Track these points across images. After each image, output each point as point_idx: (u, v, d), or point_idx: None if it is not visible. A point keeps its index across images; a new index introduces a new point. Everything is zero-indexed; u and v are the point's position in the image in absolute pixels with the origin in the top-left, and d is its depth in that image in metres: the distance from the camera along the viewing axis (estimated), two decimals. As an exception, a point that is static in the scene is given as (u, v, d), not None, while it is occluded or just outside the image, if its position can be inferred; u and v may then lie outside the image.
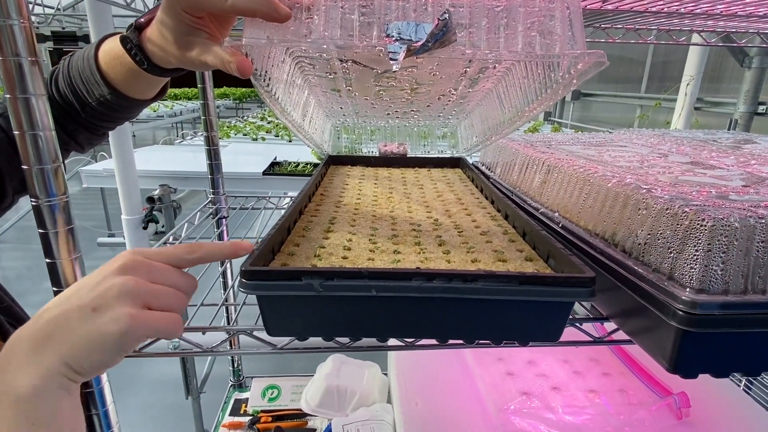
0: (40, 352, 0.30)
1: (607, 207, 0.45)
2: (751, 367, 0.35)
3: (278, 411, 1.05)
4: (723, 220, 0.32)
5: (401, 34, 0.38)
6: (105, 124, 0.53)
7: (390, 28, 0.39)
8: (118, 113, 0.51)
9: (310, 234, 0.50)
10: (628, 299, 0.38)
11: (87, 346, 0.31)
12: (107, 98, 0.48)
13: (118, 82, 0.47)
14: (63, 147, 0.53)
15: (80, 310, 0.31)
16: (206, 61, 0.40)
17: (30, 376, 0.30)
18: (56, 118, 0.50)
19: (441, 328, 0.39)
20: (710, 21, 0.74)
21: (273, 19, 0.37)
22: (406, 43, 0.38)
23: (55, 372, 0.30)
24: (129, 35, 0.44)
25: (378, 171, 0.86)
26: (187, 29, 0.40)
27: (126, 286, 0.32)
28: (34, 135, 0.33)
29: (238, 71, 0.39)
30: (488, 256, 0.45)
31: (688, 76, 1.90)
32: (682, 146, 0.70)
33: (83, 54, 0.48)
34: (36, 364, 0.30)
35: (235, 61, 0.38)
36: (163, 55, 0.43)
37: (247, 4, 0.37)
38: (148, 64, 0.45)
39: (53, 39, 6.06)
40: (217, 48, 0.40)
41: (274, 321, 0.38)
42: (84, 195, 4.35)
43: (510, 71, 0.60)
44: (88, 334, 0.31)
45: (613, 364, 0.85)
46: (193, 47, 0.41)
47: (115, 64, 0.46)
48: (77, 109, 0.50)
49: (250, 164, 2.20)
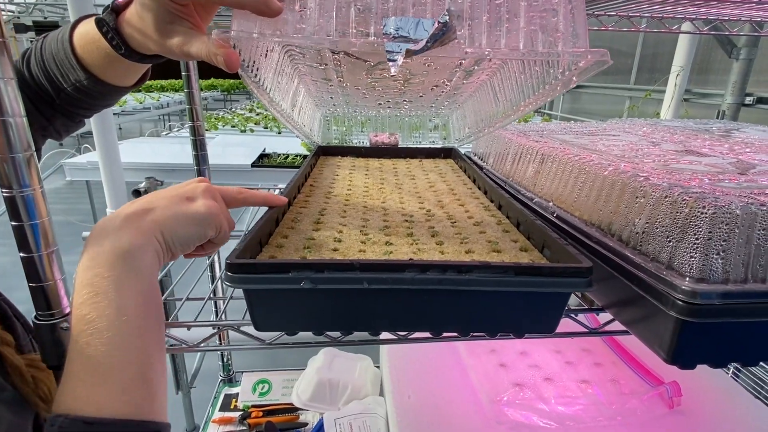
0: (139, 220, 0.36)
1: (604, 196, 0.44)
2: (750, 356, 0.34)
3: (269, 405, 1.03)
4: (724, 208, 0.31)
5: (399, 30, 0.36)
6: (81, 111, 0.50)
7: (387, 24, 0.37)
8: (96, 100, 0.48)
9: (300, 226, 0.48)
10: (626, 289, 0.37)
11: (179, 221, 0.38)
12: (83, 83, 0.45)
13: (94, 67, 0.44)
14: (41, 133, 0.50)
15: (177, 196, 0.39)
16: (189, 51, 0.38)
17: (131, 236, 0.35)
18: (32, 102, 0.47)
19: (435, 320, 0.38)
20: (703, 8, 0.73)
21: (263, 13, 0.35)
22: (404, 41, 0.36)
23: (151, 235, 0.36)
24: (105, 17, 0.41)
25: (369, 162, 0.84)
26: (169, 17, 0.38)
27: (210, 188, 0.42)
28: (4, 121, 0.31)
29: (225, 65, 0.37)
30: (482, 246, 0.44)
31: (677, 67, 1.90)
32: (675, 135, 0.69)
33: (57, 36, 0.45)
34: (135, 228, 0.36)
35: (222, 54, 0.36)
36: (142, 40, 0.40)
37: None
38: (125, 49, 0.42)
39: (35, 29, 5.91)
40: (202, 38, 0.37)
41: (262, 315, 0.37)
42: (69, 188, 4.27)
43: (506, 64, 0.59)
44: (182, 212, 0.38)
45: (605, 354, 0.85)
46: (174, 35, 0.38)
47: (91, 48, 0.43)
48: (51, 95, 0.46)
49: (239, 156, 2.17)
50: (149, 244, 0.36)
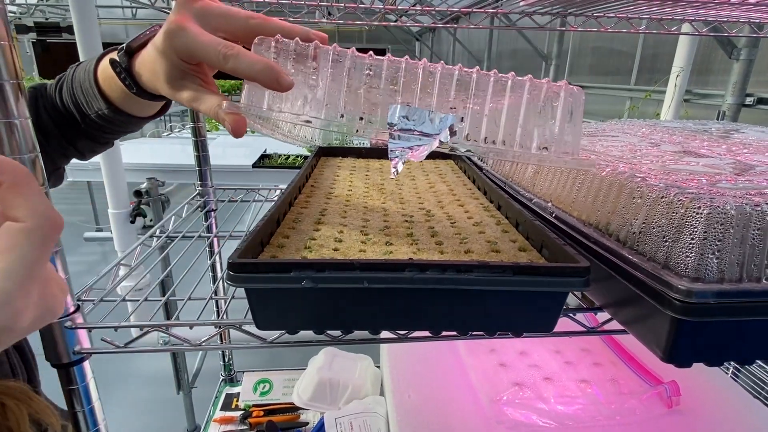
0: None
1: (601, 196, 0.44)
2: (745, 355, 0.34)
3: (270, 405, 1.04)
4: (719, 208, 0.32)
5: (405, 121, 0.35)
6: (106, 135, 0.52)
7: (393, 112, 0.36)
8: (119, 126, 0.50)
9: (300, 226, 0.49)
10: (623, 289, 0.37)
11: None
12: (105, 113, 0.47)
13: (114, 99, 0.46)
14: (62, 153, 0.52)
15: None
16: (199, 108, 0.39)
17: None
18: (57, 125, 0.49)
19: (434, 319, 0.38)
20: (702, 9, 0.74)
21: (274, 88, 0.35)
22: (408, 134, 0.35)
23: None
24: (119, 58, 0.43)
25: (369, 162, 0.85)
26: (180, 73, 0.39)
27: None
28: (9, 123, 0.32)
29: (231, 131, 0.37)
30: (481, 246, 0.44)
31: (677, 68, 1.90)
32: (674, 136, 0.70)
33: (86, 65, 0.47)
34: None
35: (230, 120, 0.37)
36: (153, 86, 0.42)
37: (248, 69, 0.35)
38: (137, 89, 0.43)
39: (36, 30, 5.93)
40: (212, 97, 0.38)
41: (263, 314, 0.38)
42: (71, 189, 4.28)
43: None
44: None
45: (604, 354, 0.86)
46: (184, 90, 0.39)
47: (110, 82, 0.45)
48: (77, 119, 0.49)
49: (240, 157, 2.18)
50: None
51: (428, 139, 0.36)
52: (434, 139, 0.36)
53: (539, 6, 0.82)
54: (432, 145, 0.36)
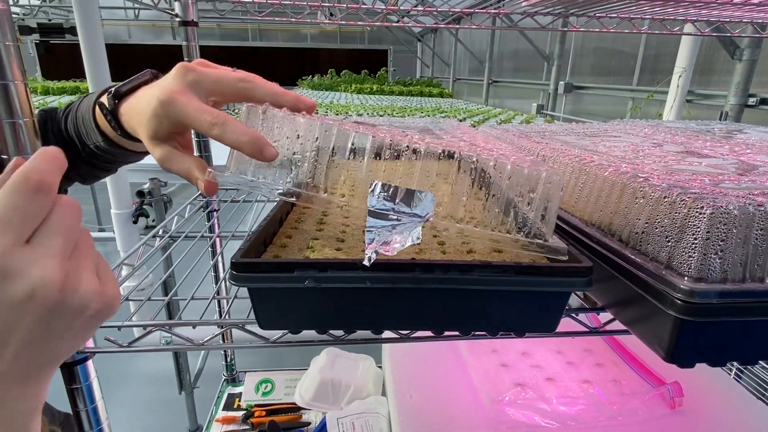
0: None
1: (604, 196, 0.44)
2: (748, 355, 0.34)
3: (272, 405, 1.04)
4: (722, 208, 0.32)
5: (384, 198, 0.36)
6: (106, 164, 0.53)
7: (376, 187, 0.37)
8: (116, 157, 0.52)
9: (303, 226, 0.49)
10: (626, 289, 0.37)
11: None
12: (101, 145, 0.48)
13: (108, 134, 0.48)
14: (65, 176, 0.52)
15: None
16: (170, 169, 0.40)
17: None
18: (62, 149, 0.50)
19: (436, 319, 0.38)
20: (704, 10, 0.74)
21: (258, 158, 0.36)
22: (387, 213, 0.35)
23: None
24: (106, 102, 0.44)
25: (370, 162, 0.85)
26: (162, 136, 0.40)
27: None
28: (13, 123, 0.32)
29: (204, 191, 0.39)
30: (484, 246, 0.44)
31: (680, 68, 1.90)
32: (676, 136, 0.69)
33: (89, 98, 0.49)
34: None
35: (203, 182, 0.39)
36: (134, 133, 0.43)
37: (233, 138, 0.36)
38: (121, 132, 0.45)
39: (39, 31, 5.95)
40: (184, 160, 0.40)
41: (266, 314, 0.38)
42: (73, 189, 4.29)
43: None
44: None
45: (606, 354, 0.86)
46: (160, 147, 0.40)
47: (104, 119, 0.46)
48: (78, 147, 0.51)
49: (242, 157, 2.18)
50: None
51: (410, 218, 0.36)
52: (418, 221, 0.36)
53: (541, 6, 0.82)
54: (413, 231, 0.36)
